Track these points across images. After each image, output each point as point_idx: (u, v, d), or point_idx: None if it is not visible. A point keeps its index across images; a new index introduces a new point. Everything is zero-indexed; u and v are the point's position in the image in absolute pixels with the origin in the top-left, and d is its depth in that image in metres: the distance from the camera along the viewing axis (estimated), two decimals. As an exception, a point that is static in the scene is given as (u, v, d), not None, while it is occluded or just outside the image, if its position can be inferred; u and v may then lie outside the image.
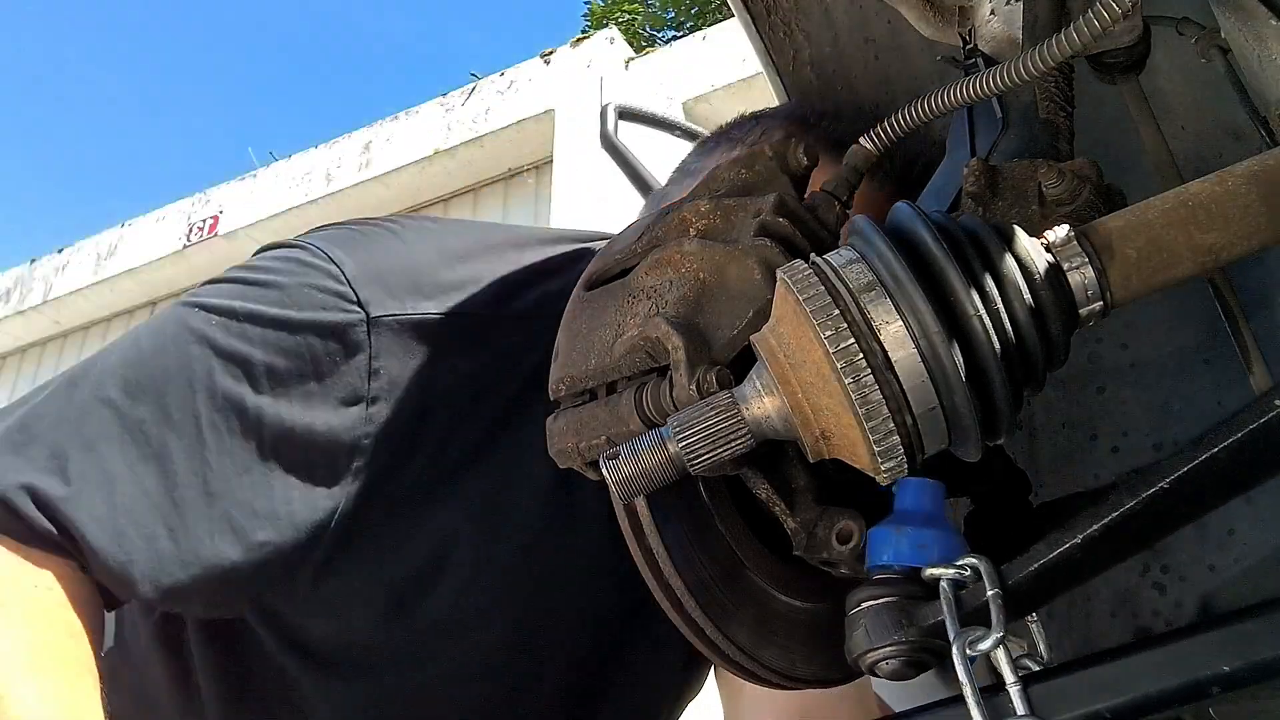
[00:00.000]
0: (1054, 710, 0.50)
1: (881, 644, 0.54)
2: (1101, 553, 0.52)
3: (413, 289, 0.87)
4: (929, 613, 0.54)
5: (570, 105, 5.80)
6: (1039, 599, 0.54)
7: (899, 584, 0.55)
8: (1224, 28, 0.84)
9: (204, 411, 0.82)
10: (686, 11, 10.56)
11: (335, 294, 0.85)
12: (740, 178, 0.69)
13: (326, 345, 0.84)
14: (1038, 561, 0.52)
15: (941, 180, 0.78)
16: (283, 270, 0.87)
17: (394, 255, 0.91)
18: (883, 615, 0.54)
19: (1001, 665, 0.50)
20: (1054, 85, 0.74)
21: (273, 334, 0.84)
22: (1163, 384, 1.08)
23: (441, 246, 0.95)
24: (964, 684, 0.50)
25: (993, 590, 0.52)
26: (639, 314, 0.65)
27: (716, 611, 0.66)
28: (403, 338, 0.85)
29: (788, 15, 1.24)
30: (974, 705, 0.49)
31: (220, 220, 6.85)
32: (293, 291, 0.85)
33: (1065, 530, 0.52)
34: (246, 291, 0.87)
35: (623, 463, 0.56)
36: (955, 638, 0.51)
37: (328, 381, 0.83)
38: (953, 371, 0.50)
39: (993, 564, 0.53)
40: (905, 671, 0.54)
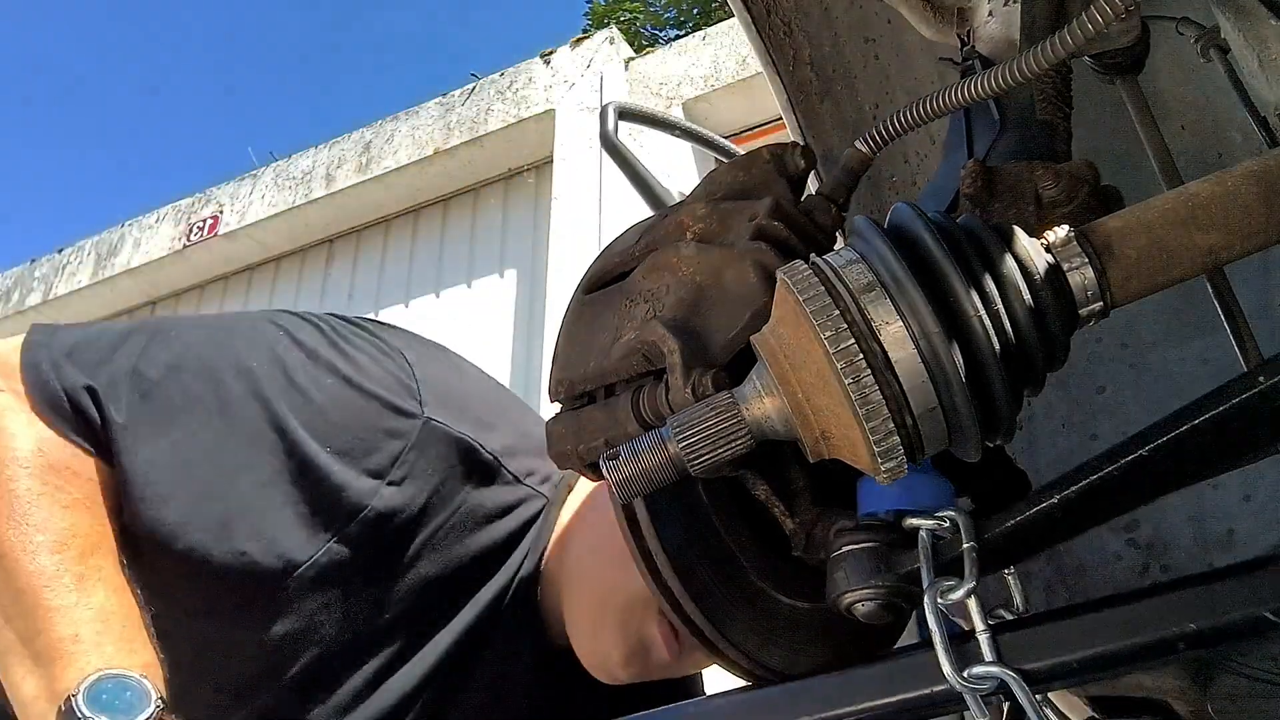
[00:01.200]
0: (1022, 659, 0.51)
1: (859, 586, 0.55)
2: (1079, 514, 0.53)
3: (460, 411, 1.00)
4: (907, 560, 0.55)
5: (570, 105, 5.80)
6: (1015, 555, 0.56)
7: (881, 531, 0.57)
8: (1224, 28, 0.84)
9: (253, 418, 0.92)
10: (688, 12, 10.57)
11: (403, 385, 0.97)
12: (737, 181, 0.69)
13: (380, 419, 0.94)
14: (1015, 518, 0.54)
15: (940, 181, 0.77)
16: (364, 349, 1.00)
17: (451, 378, 1.05)
18: (863, 560, 0.56)
19: (973, 613, 0.52)
20: (1052, 86, 0.74)
21: (339, 389, 0.95)
22: (1163, 384, 1.08)
23: (483, 388, 1.10)
24: (933, 629, 0.52)
25: (968, 543, 0.53)
26: (636, 317, 0.65)
27: (715, 612, 0.66)
28: (439, 445, 0.96)
29: (788, 15, 1.24)
30: (942, 650, 0.51)
31: (220, 220, 6.85)
32: (369, 368, 0.97)
33: (1044, 490, 0.54)
34: (332, 348, 0.98)
35: (623, 464, 0.56)
36: (929, 585, 0.53)
37: (365, 449, 0.94)
38: (953, 372, 0.50)
39: (970, 518, 0.54)
40: (881, 614, 0.56)
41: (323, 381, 0.95)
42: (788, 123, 1.30)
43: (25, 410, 0.88)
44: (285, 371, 0.94)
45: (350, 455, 0.93)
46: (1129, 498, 0.54)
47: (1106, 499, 0.53)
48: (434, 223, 6.42)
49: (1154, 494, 0.55)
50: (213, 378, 0.93)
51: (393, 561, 0.96)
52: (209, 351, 0.95)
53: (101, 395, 0.89)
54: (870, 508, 0.59)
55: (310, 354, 0.97)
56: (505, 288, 5.86)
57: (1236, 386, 0.48)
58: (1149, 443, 0.50)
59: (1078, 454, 1.12)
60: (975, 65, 0.84)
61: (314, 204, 6.49)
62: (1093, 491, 0.52)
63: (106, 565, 0.85)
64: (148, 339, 0.96)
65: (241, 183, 7.00)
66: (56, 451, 0.88)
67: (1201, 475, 0.55)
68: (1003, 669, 0.51)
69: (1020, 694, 0.50)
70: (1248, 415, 0.48)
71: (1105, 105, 1.03)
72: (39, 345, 0.93)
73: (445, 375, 1.04)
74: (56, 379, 0.89)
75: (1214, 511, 1.01)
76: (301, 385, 0.94)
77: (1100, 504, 0.53)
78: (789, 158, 0.69)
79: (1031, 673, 0.51)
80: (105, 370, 0.91)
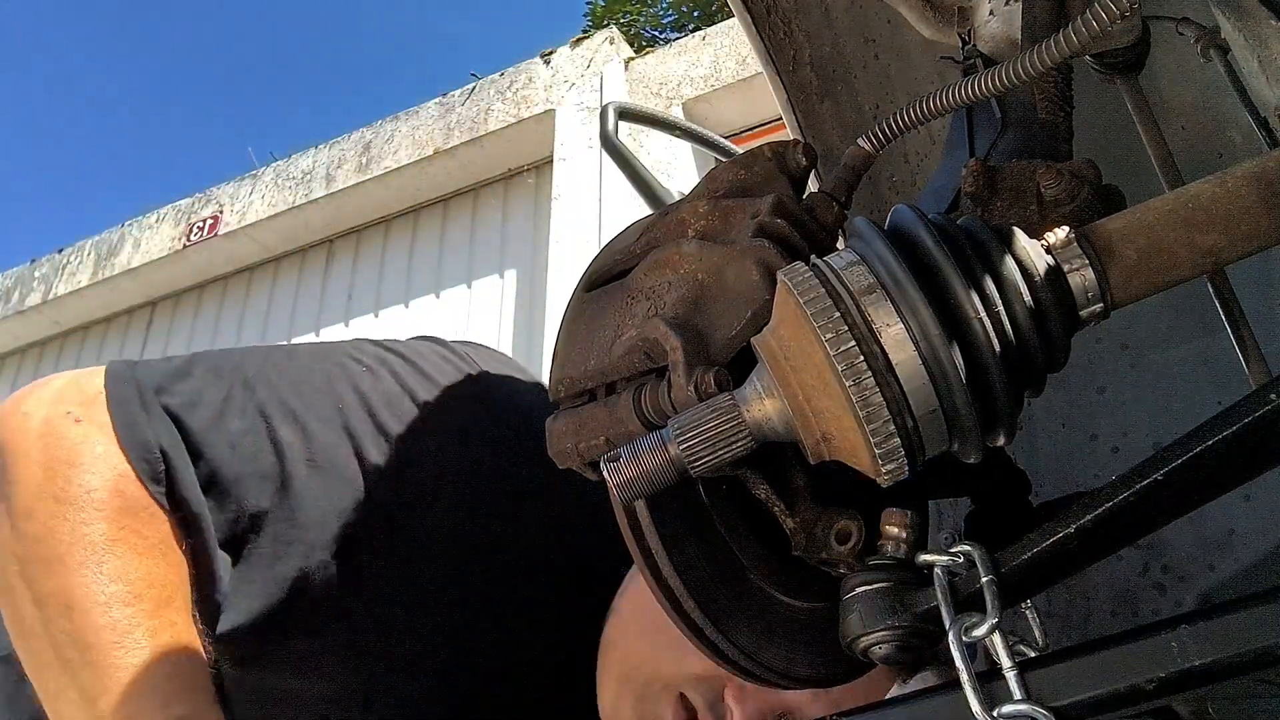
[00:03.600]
0: (1050, 695, 0.50)
1: (875, 629, 0.54)
2: (1095, 543, 0.52)
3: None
4: (922, 599, 0.54)
5: (570, 105, 5.80)
6: (1033, 587, 0.55)
7: (893, 570, 0.56)
8: (1224, 28, 0.84)
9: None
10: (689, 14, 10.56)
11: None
12: (739, 178, 0.69)
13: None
14: (1031, 550, 0.53)
15: (940, 181, 0.77)
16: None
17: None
18: (876, 600, 0.55)
19: (998, 651, 0.50)
20: (1053, 86, 0.74)
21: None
22: (1163, 384, 1.08)
23: (537, 391, 1.11)
24: (960, 669, 0.50)
25: (987, 577, 0.52)
26: (637, 315, 0.65)
27: (716, 612, 0.66)
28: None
29: (788, 15, 1.24)
30: (970, 690, 0.49)
31: (220, 220, 6.85)
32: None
33: (1060, 520, 0.52)
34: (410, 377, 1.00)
35: (623, 464, 0.56)
36: (951, 623, 0.51)
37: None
38: (953, 373, 0.50)
39: (986, 551, 0.53)
40: (898, 656, 0.54)
41: (402, 409, 0.96)
42: (788, 123, 1.30)
43: (106, 444, 0.83)
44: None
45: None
46: (1145, 523, 0.52)
47: (1123, 525, 0.52)
48: (434, 223, 6.42)
49: (1169, 517, 0.54)
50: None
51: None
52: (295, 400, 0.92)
53: (202, 473, 0.85)
54: None
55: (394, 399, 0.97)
56: (505, 288, 5.86)
57: (1247, 406, 0.48)
58: (1164, 466, 0.49)
59: (1078, 454, 1.12)
60: (976, 64, 0.84)
61: (314, 204, 6.49)
62: (1109, 519, 0.51)
63: (180, 620, 0.82)
64: (252, 408, 0.91)
65: (241, 183, 7.00)
66: (135, 492, 0.82)
67: (1214, 495, 0.54)
68: (1033, 707, 0.49)
69: None
70: (1260, 434, 0.48)
71: (1105, 105, 1.03)
72: (125, 379, 0.87)
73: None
74: (148, 425, 0.85)
75: (1214, 511, 1.01)
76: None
77: (1116, 531, 0.52)
78: (790, 155, 0.69)
79: (1062, 709, 0.49)
80: (211, 436, 0.87)
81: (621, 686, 0.95)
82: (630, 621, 0.98)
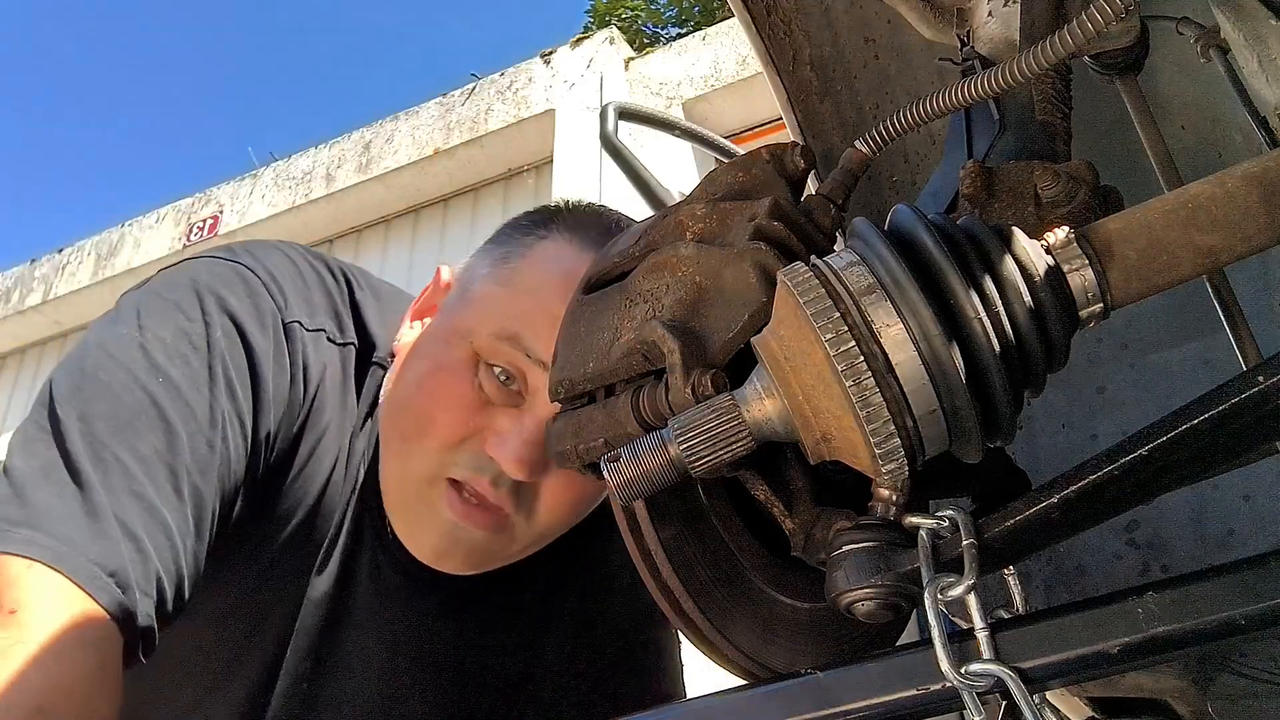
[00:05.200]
0: (1018, 656, 0.51)
1: (859, 585, 0.55)
2: (1078, 514, 0.53)
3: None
4: (907, 559, 0.55)
5: (570, 105, 5.80)
6: (1015, 554, 0.56)
7: (881, 530, 0.57)
8: (1224, 28, 0.84)
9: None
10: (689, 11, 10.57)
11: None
12: (736, 181, 0.69)
13: None
14: (1014, 517, 0.54)
15: (939, 182, 0.78)
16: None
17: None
18: (862, 559, 0.56)
19: (972, 611, 0.52)
20: (1051, 86, 0.74)
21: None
22: (1163, 384, 1.08)
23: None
24: (932, 626, 0.52)
25: (967, 541, 0.53)
26: (635, 317, 0.65)
27: (715, 612, 0.66)
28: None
29: (788, 15, 1.24)
30: (940, 647, 0.51)
31: (220, 220, 6.85)
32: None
33: (1043, 490, 0.53)
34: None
35: (624, 465, 0.56)
36: (928, 583, 0.53)
37: None
38: (953, 374, 0.51)
39: (970, 516, 0.54)
40: (880, 613, 0.56)
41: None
42: (788, 123, 1.30)
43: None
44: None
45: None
46: (1129, 497, 0.54)
47: (1106, 498, 0.53)
48: (434, 223, 6.42)
49: (1154, 493, 0.55)
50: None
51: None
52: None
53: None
54: None
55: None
56: (505, 288, 5.85)
57: (1236, 386, 0.49)
58: (1149, 442, 0.51)
59: (1078, 454, 1.12)
60: (975, 65, 0.84)
61: (314, 204, 6.49)
62: (1092, 491, 0.52)
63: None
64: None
65: (241, 183, 7.00)
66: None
67: (1201, 475, 0.55)
68: (1000, 666, 0.51)
69: (1016, 692, 0.50)
70: (1247, 415, 0.48)
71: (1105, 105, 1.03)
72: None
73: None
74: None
75: (1214, 511, 1.01)
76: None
77: (1100, 503, 0.53)
78: (788, 158, 0.69)
79: (1029, 671, 0.51)
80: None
81: (400, 510, 0.96)
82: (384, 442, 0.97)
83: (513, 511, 0.93)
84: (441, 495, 0.92)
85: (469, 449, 0.91)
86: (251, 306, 0.94)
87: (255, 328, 0.93)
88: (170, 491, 0.82)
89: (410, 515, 0.95)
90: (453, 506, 0.92)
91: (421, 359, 0.96)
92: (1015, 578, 0.66)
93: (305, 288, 1.01)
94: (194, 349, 0.89)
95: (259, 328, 0.93)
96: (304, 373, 0.97)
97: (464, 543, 0.93)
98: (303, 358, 0.97)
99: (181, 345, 0.88)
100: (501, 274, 0.96)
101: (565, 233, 0.97)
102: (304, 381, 0.97)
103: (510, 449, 0.89)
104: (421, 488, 0.93)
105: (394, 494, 0.97)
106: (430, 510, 0.93)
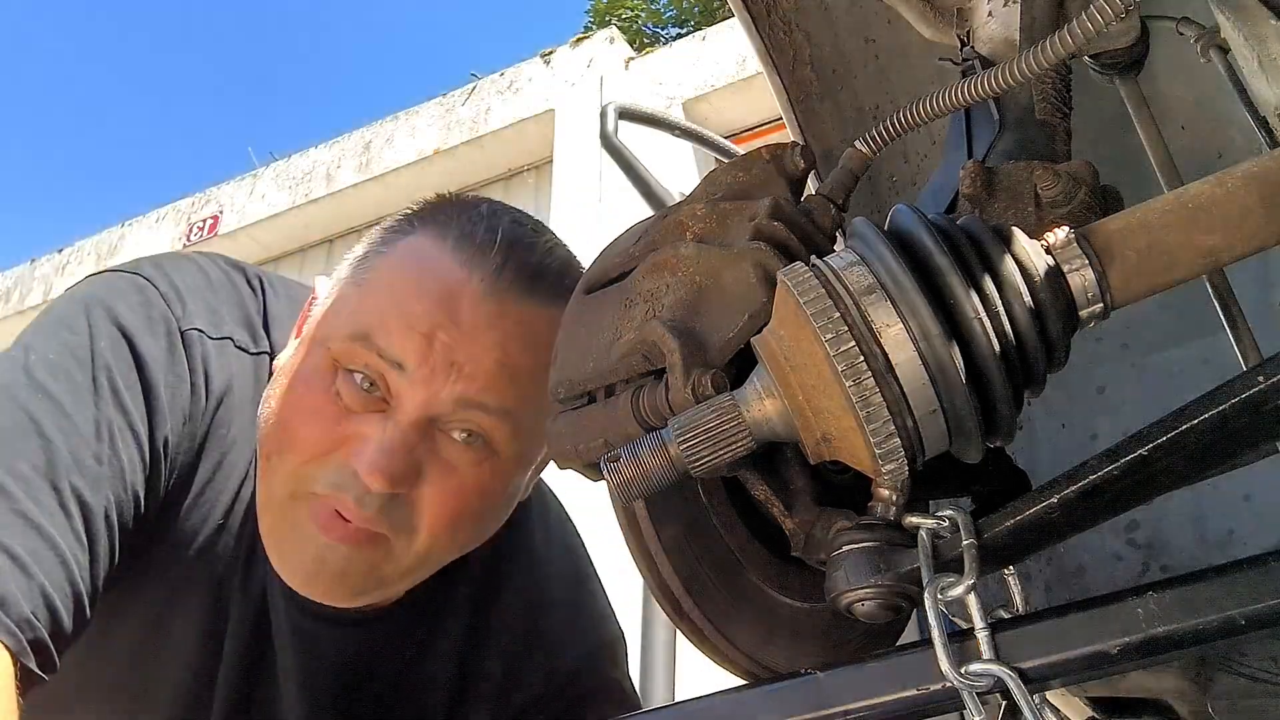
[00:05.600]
0: (1020, 657, 0.51)
1: (859, 585, 0.55)
2: (1078, 514, 0.53)
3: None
4: (907, 559, 0.55)
5: (570, 105, 5.80)
6: (1015, 554, 0.56)
7: (881, 530, 0.57)
8: (1224, 28, 0.84)
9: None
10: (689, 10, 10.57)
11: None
12: (737, 181, 0.69)
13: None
14: (1014, 517, 0.54)
15: (939, 182, 0.78)
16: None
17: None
18: (862, 559, 0.56)
19: (972, 611, 0.52)
20: (1051, 86, 0.74)
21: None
22: (1163, 384, 1.08)
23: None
24: (932, 626, 0.52)
25: (967, 541, 0.53)
26: (636, 317, 0.65)
27: (715, 612, 0.66)
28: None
29: (788, 15, 1.24)
30: (940, 646, 0.51)
31: (220, 220, 6.86)
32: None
33: (1043, 490, 0.53)
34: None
35: (623, 465, 0.56)
36: (928, 582, 0.53)
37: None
38: (953, 374, 0.51)
39: (970, 516, 0.54)
40: (880, 614, 0.56)
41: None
42: (788, 123, 1.30)
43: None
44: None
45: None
46: (1129, 497, 0.54)
47: (1106, 498, 0.53)
48: (434, 222, 6.43)
49: (1153, 493, 0.55)
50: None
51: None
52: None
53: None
54: None
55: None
56: (505, 287, 5.86)
57: (1236, 386, 0.49)
58: (1149, 442, 0.51)
59: (1078, 454, 1.11)
60: (975, 65, 0.84)
61: (314, 204, 6.50)
62: (1092, 491, 0.52)
63: None
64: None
65: (241, 183, 7.01)
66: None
67: (1201, 475, 0.55)
68: (1000, 666, 0.51)
69: (1016, 692, 0.50)
70: (1247, 415, 0.49)
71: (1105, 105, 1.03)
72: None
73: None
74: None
75: (1214, 511, 1.01)
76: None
77: (1100, 503, 0.53)
78: (788, 158, 0.69)
79: (1029, 671, 0.51)
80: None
81: (268, 534, 0.90)
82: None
83: (388, 530, 0.86)
84: (305, 511, 0.86)
85: (333, 463, 0.85)
86: (143, 315, 0.89)
87: (145, 335, 0.88)
88: (55, 508, 0.78)
89: (276, 537, 0.89)
90: (317, 521, 0.85)
91: (283, 375, 0.91)
92: (1015, 578, 0.66)
93: (212, 296, 0.96)
94: (77, 362, 0.84)
95: (149, 335, 0.88)
96: (205, 381, 0.91)
97: (332, 564, 0.86)
98: (203, 365, 0.91)
99: (65, 360, 0.84)
100: (357, 275, 0.91)
101: (427, 228, 0.91)
102: (205, 391, 0.91)
103: (369, 458, 0.83)
104: (285, 506, 0.87)
105: (263, 518, 0.90)
106: (295, 531, 0.87)
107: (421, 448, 0.86)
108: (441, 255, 0.88)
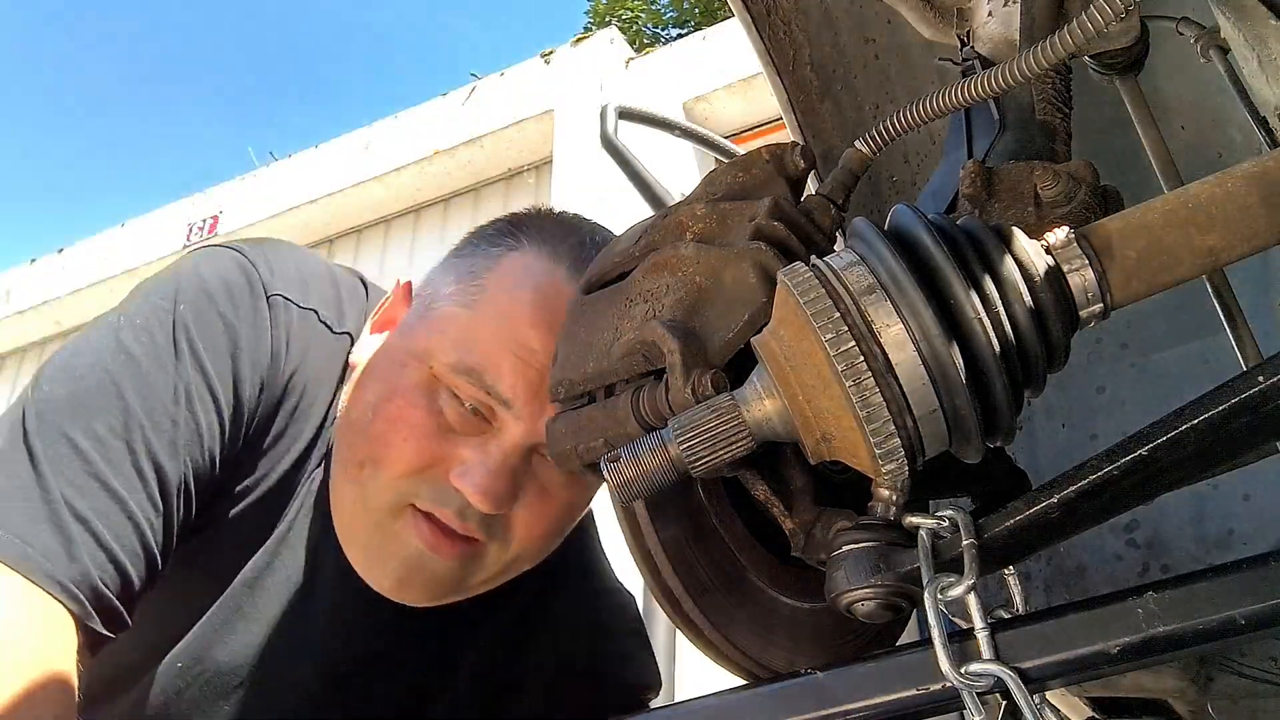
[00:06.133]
0: (1020, 657, 0.52)
1: (859, 585, 0.55)
2: (1078, 514, 0.54)
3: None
4: (907, 559, 0.55)
5: (570, 105, 5.80)
6: (1015, 554, 0.56)
7: (881, 530, 0.57)
8: (1224, 28, 0.84)
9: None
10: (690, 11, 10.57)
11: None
12: (737, 181, 0.69)
13: None
14: (1015, 518, 0.54)
15: (939, 182, 0.78)
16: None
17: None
18: (862, 559, 0.56)
19: (972, 611, 0.52)
20: (1051, 86, 0.74)
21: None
22: (1163, 384, 1.08)
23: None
24: (932, 626, 0.52)
25: (967, 541, 0.53)
26: (636, 317, 0.65)
27: (715, 612, 0.66)
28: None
29: (788, 15, 1.24)
30: (940, 647, 0.51)
31: (220, 220, 6.85)
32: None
33: (1043, 490, 0.53)
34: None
35: (624, 465, 0.56)
36: (928, 582, 0.53)
37: None
38: (953, 374, 0.51)
39: (970, 516, 0.55)
40: (880, 613, 0.56)
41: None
42: (788, 123, 1.30)
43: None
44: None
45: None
46: (1128, 497, 0.54)
47: (1106, 498, 0.53)
48: (434, 223, 6.42)
49: (1153, 493, 0.55)
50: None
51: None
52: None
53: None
54: None
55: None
56: (505, 287, 5.85)
57: (1236, 386, 0.49)
58: (1148, 442, 0.51)
59: (1078, 454, 1.12)
60: (975, 65, 0.84)
61: (314, 204, 6.50)
62: (1092, 491, 0.52)
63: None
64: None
65: (241, 183, 7.00)
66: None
67: (1201, 475, 0.55)
68: (1000, 666, 0.51)
69: (1016, 692, 0.50)
70: (1247, 415, 0.49)
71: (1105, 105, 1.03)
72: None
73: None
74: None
75: (1214, 511, 1.01)
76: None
77: (1100, 503, 0.53)
78: (788, 158, 0.69)
79: (1029, 671, 0.51)
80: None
81: (357, 536, 0.91)
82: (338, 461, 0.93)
83: (485, 539, 0.88)
84: (408, 524, 0.88)
85: (431, 478, 0.86)
86: (229, 280, 0.92)
87: (226, 297, 0.90)
88: (130, 469, 0.81)
89: (370, 547, 0.90)
90: (420, 534, 0.87)
91: (377, 380, 0.91)
92: (1015, 578, 0.67)
93: (303, 272, 0.98)
94: (160, 325, 0.87)
95: (232, 296, 0.91)
96: (285, 346, 0.93)
97: (428, 572, 0.88)
98: (285, 330, 0.93)
99: (150, 323, 0.87)
100: (466, 293, 0.90)
101: (536, 244, 0.91)
102: (285, 354, 0.93)
103: (475, 481, 0.84)
104: (383, 519, 0.88)
105: (350, 524, 0.91)
106: (393, 541, 0.88)
107: (521, 469, 0.87)
108: (554, 278, 0.88)
